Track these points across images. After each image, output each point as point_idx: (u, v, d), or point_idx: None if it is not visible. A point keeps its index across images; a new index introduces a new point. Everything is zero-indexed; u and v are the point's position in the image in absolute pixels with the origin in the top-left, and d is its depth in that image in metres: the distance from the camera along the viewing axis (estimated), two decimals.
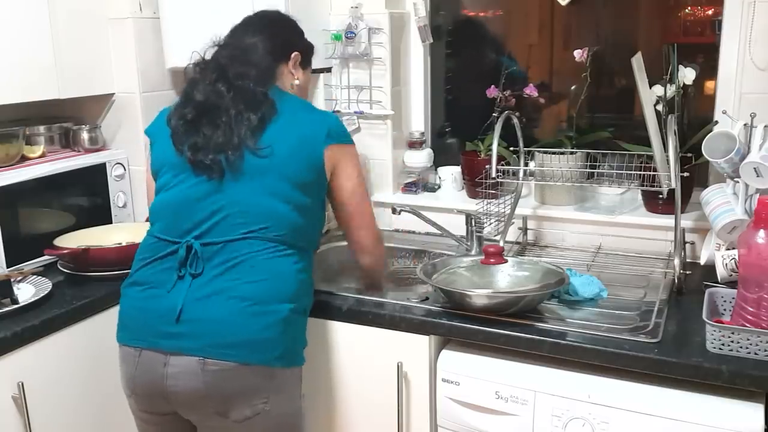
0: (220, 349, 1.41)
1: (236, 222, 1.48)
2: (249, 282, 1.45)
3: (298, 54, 1.68)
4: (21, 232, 1.90)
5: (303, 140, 1.54)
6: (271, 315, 1.45)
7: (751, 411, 1.36)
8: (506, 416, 1.55)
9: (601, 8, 2.21)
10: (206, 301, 1.43)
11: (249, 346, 1.42)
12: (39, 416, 1.61)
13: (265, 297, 1.45)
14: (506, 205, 2.08)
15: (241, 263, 1.46)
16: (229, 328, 1.42)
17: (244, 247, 1.47)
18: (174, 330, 1.43)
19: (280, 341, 1.46)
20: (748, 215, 1.65)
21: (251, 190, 1.49)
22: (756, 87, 1.83)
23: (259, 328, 1.43)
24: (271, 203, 1.50)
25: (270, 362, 1.44)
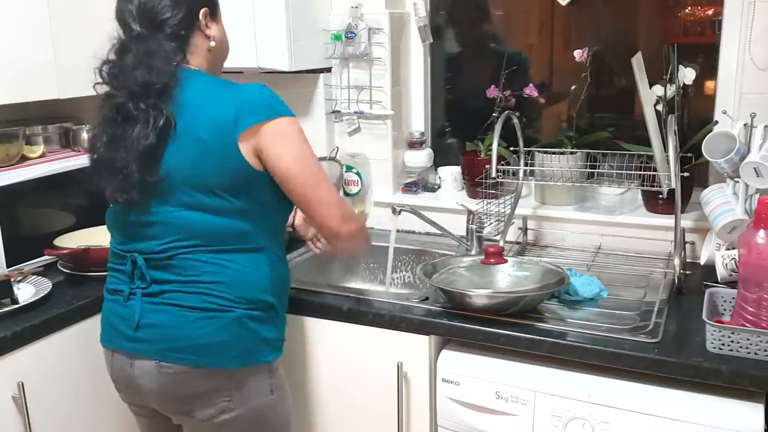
0: (172, 353, 1.43)
1: (171, 237, 1.44)
2: (194, 293, 1.43)
3: (206, 9, 1.49)
4: (21, 232, 1.90)
5: (207, 142, 1.39)
6: (220, 319, 1.43)
7: (751, 411, 1.36)
8: (506, 416, 1.55)
9: (601, 8, 2.21)
10: (158, 310, 1.45)
11: (199, 350, 1.43)
12: (39, 416, 1.61)
13: (212, 304, 1.43)
14: (506, 205, 2.08)
15: (185, 277, 1.44)
16: (180, 334, 1.43)
17: (185, 261, 1.44)
18: (134, 335, 1.46)
19: (233, 343, 1.44)
20: (748, 215, 1.65)
21: (177, 208, 1.42)
22: (756, 87, 1.83)
23: (207, 332, 1.43)
24: (201, 218, 1.42)
25: (223, 364, 1.44)
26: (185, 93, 1.41)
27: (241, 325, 1.45)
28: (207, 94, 1.43)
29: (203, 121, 1.39)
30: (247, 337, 1.46)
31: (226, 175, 1.40)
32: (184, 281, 1.44)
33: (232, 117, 1.38)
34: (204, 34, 1.49)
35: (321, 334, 1.77)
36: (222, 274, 1.44)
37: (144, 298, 1.46)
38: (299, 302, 1.77)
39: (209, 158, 1.39)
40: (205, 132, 1.39)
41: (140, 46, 1.42)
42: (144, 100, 1.38)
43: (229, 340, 1.44)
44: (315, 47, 2.20)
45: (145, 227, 1.45)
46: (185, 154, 1.39)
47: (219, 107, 1.40)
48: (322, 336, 1.77)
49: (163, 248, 1.44)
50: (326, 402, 1.82)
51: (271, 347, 1.52)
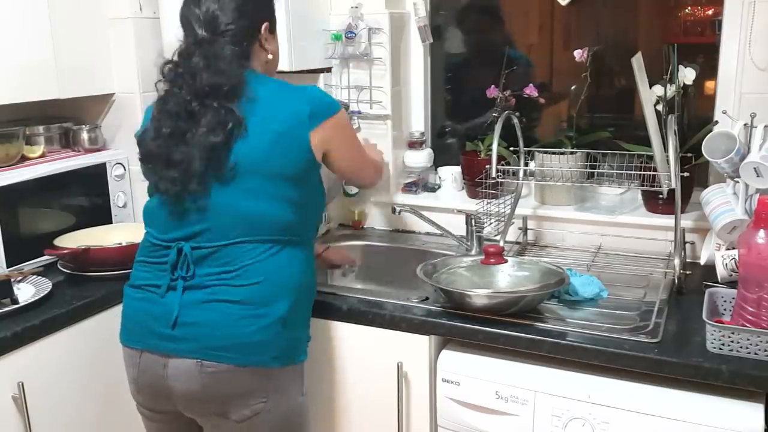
0: (216, 352, 1.42)
1: (225, 226, 1.46)
2: (241, 285, 1.44)
3: (267, 24, 1.58)
4: (21, 232, 1.90)
5: (282, 133, 1.47)
6: (266, 317, 1.44)
7: (751, 411, 1.36)
8: (506, 416, 1.55)
9: (601, 8, 2.21)
10: (200, 305, 1.44)
11: (244, 348, 1.43)
12: (39, 416, 1.61)
13: (258, 300, 1.44)
14: (506, 205, 2.08)
15: (233, 267, 1.45)
16: (223, 332, 1.42)
17: (234, 251, 1.45)
18: (171, 333, 1.44)
19: (276, 342, 1.46)
20: (748, 215, 1.65)
21: (233, 195, 1.46)
22: (756, 87, 1.83)
23: (253, 331, 1.43)
24: (257, 206, 1.46)
25: (266, 363, 1.45)
26: (258, 91, 1.48)
27: (283, 325, 1.46)
28: (280, 93, 1.52)
29: (280, 115, 1.48)
30: (287, 336, 1.48)
31: (294, 164, 1.49)
32: (232, 271, 1.44)
33: (307, 113, 1.49)
34: (263, 47, 1.57)
35: (321, 334, 1.77)
36: (272, 268, 1.46)
37: (186, 292, 1.45)
38: None
39: (283, 147, 1.47)
40: (282, 125, 1.47)
41: (206, 49, 1.48)
42: (214, 100, 1.44)
43: (272, 339, 1.45)
44: (315, 47, 2.20)
45: (198, 215, 1.47)
46: (258, 144, 1.45)
47: (293, 104, 1.50)
48: (322, 336, 1.77)
49: (213, 236, 1.45)
50: (326, 402, 1.82)
51: (303, 347, 1.55)
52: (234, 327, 1.43)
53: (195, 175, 1.44)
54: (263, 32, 1.56)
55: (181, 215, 1.48)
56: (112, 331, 1.57)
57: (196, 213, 1.47)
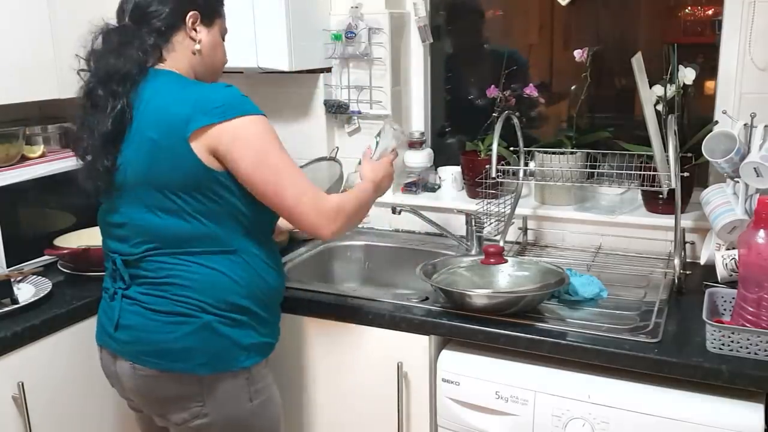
0: (145, 357, 1.44)
1: (139, 239, 1.44)
2: (161, 297, 1.42)
3: (195, 13, 1.47)
4: (21, 232, 1.90)
5: (158, 142, 1.36)
6: (188, 324, 1.41)
7: (751, 411, 1.36)
8: (506, 416, 1.55)
9: (601, 8, 2.21)
10: (133, 311, 1.45)
11: (168, 355, 1.42)
12: (39, 416, 1.61)
13: (180, 308, 1.41)
14: (506, 205, 2.08)
15: (154, 279, 1.43)
16: (150, 337, 1.43)
17: (155, 262, 1.43)
18: (114, 334, 1.48)
19: (202, 349, 1.42)
20: (748, 215, 1.65)
21: (135, 207, 1.42)
22: (756, 87, 1.83)
23: (176, 337, 1.41)
24: (159, 220, 1.40)
25: (192, 369, 1.42)
26: (146, 90, 1.39)
27: (211, 331, 1.42)
28: (165, 93, 1.39)
29: (154, 120, 1.37)
30: (217, 342, 1.43)
31: (180, 175, 1.37)
32: (154, 283, 1.43)
33: (185, 116, 1.34)
34: (190, 37, 1.47)
35: (321, 334, 1.77)
36: (189, 278, 1.42)
37: (123, 299, 1.47)
38: (299, 302, 1.77)
39: (161, 158, 1.36)
40: (156, 131, 1.36)
41: (118, 36, 1.43)
42: (106, 86, 1.38)
43: (196, 346, 1.42)
44: (315, 47, 2.20)
45: (118, 228, 1.47)
46: (139, 153, 1.39)
47: (173, 106, 1.37)
48: (322, 336, 1.77)
49: (135, 250, 1.44)
50: (326, 402, 1.82)
51: (249, 353, 1.46)
52: (159, 332, 1.42)
53: (98, 173, 1.41)
54: (188, 20, 1.46)
55: (109, 226, 1.49)
56: None
57: (117, 225, 1.47)
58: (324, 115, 2.31)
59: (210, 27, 1.51)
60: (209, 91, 1.39)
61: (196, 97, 1.37)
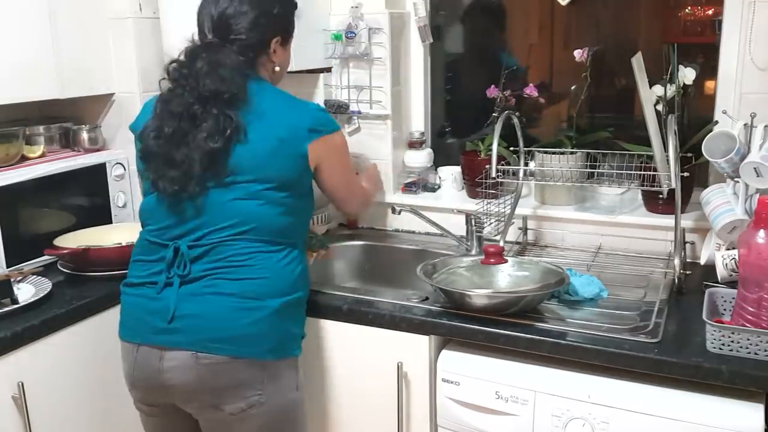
0: (212, 344, 1.45)
1: (220, 225, 1.49)
2: (236, 279, 1.48)
3: (279, 38, 1.62)
4: (21, 232, 1.90)
5: (283, 140, 1.52)
6: (260, 310, 1.47)
7: (751, 411, 1.36)
8: (506, 416, 1.55)
9: (601, 8, 2.21)
10: (197, 298, 1.47)
11: (239, 340, 1.45)
12: (39, 416, 1.61)
13: (253, 293, 1.47)
14: (506, 205, 2.08)
15: (228, 263, 1.48)
16: (219, 324, 1.45)
17: (230, 249, 1.49)
18: (167, 326, 1.46)
19: (270, 335, 1.48)
20: (748, 215, 1.65)
21: (233, 196, 1.50)
22: (756, 87, 1.83)
23: (247, 323, 1.46)
24: (253, 207, 1.50)
25: (261, 355, 1.47)
26: (263, 101, 1.53)
27: (278, 318, 1.49)
28: (284, 104, 1.56)
29: (283, 124, 1.52)
30: (282, 329, 1.51)
31: (291, 171, 1.53)
32: (228, 267, 1.48)
33: (308, 126, 1.53)
34: (271, 59, 1.61)
35: (321, 334, 1.77)
36: (265, 265, 1.50)
37: (183, 287, 1.48)
38: None
39: (282, 154, 1.51)
40: (285, 132, 1.52)
41: (211, 54, 1.52)
42: (214, 106, 1.48)
43: (266, 331, 1.48)
44: (315, 47, 2.20)
45: (195, 213, 1.50)
46: (260, 150, 1.49)
47: (297, 115, 1.54)
48: (322, 336, 1.77)
49: (212, 235, 1.49)
50: (326, 402, 1.82)
51: (298, 343, 1.58)
52: (229, 319, 1.45)
53: (194, 177, 1.48)
54: (273, 45, 1.60)
55: (177, 214, 1.52)
56: (111, 331, 1.58)
57: (193, 212, 1.50)
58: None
59: (286, 45, 1.66)
60: (318, 109, 1.62)
61: (313, 111, 1.58)
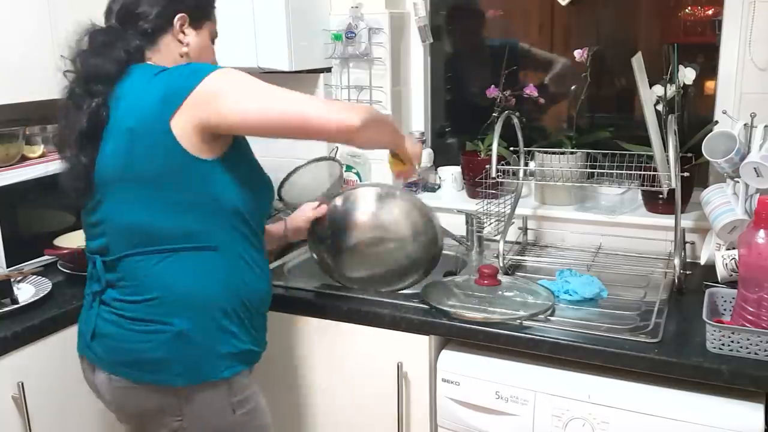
0: (120, 367, 1.39)
1: (115, 239, 1.39)
2: (135, 302, 1.37)
3: (183, 15, 1.43)
4: (21, 232, 1.90)
5: (135, 131, 1.32)
6: (162, 334, 1.36)
7: (751, 411, 1.36)
8: (506, 416, 1.55)
9: (601, 8, 2.21)
10: (109, 320, 1.40)
11: (142, 365, 1.37)
12: (39, 416, 1.61)
13: (152, 316, 1.36)
14: (506, 205, 2.08)
15: (130, 282, 1.38)
16: (126, 347, 1.38)
17: (129, 264, 1.37)
18: (90, 343, 1.43)
19: (179, 358, 1.36)
20: (748, 215, 1.65)
21: (114, 204, 1.38)
22: (756, 87, 1.83)
23: (149, 347, 1.36)
24: (135, 215, 1.35)
25: (167, 381, 1.37)
26: (125, 85, 1.36)
27: (186, 340, 1.36)
28: (140, 84, 1.36)
29: (130, 110, 1.34)
30: (193, 352, 1.37)
31: (159, 163, 1.32)
32: (128, 287, 1.38)
33: (160, 97, 1.31)
34: (178, 39, 1.44)
35: (321, 334, 1.77)
36: (165, 280, 1.36)
37: (101, 306, 1.42)
38: (299, 302, 1.77)
39: (139, 147, 1.32)
40: (133, 120, 1.33)
41: (103, 37, 1.41)
42: (87, 86, 1.37)
43: (171, 356, 1.36)
44: (315, 47, 2.20)
45: (96, 227, 1.42)
46: (117, 146, 1.35)
47: (147, 92, 1.33)
48: (323, 336, 1.77)
49: (111, 249, 1.39)
50: (326, 402, 1.82)
51: (229, 362, 1.40)
52: (134, 342, 1.37)
53: (80, 174, 1.38)
54: (176, 23, 1.43)
55: (90, 226, 1.45)
56: None
57: (95, 225, 1.42)
58: None
59: (199, 29, 1.47)
60: (176, 68, 1.37)
61: (167, 77, 1.34)
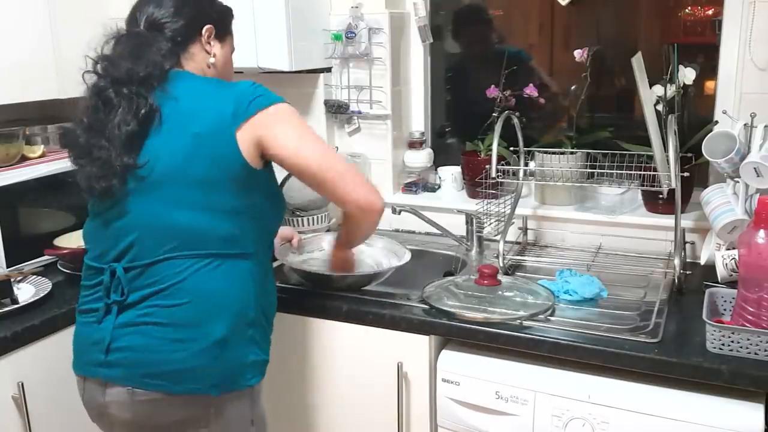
0: (146, 379, 1.34)
1: (149, 243, 1.35)
2: (171, 306, 1.33)
3: (210, 27, 1.48)
4: (21, 232, 1.90)
5: (203, 135, 1.35)
6: (198, 341, 1.33)
7: (751, 411, 1.36)
8: (506, 416, 1.55)
9: (601, 8, 2.21)
10: (132, 329, 1.35)
11: (176, 375, 1.33)
12: (39, 416, 1.61)
13: (189, 320, 1.33)
14: (506, 205, 2.08)
15: (163, 285, 1.34)
16: (154, 357, 1.33)
17: (164, 268, 1.34)
18: (105, 359, 1.36)
19: (214, 367, 1.35)
20: (748, 215, 1.65)
21: (156, 205, 1.35)
22: (756, 87, 1.83)
23: (185, 356, 1.33)
24: (184, 216, 1.34)
25: (203, 390, 1.34)
26: (178, 89, 1.39)
27: (221, 348, 1.35)
28: (202, 91, 1.41)
29: (200, 116, 1.37)
30: (228, 360, 1.36)
31: (220, 169, 1.35)
32: (163, 290, 1.34)
33: (231, 110, 1.36)
34: (205, 50, 1.49)
35: (321, 334, 1.77)
36: (204, 285, 1.35)
37: (119, 316, 1.36)
38: (299, 302, 1.77)
39: (204, 151, 1.35)
40: (202, 126, 1.36)
41: (133, 39, 1.42)
42: (127, 86, 1.35)
43: (207, 364, 1.34)
44: (315, 47, 2.20)
45: (126, 231, 1.36)
46: (177, 149, 1.35)
47: (216, 103, 1.38)
48: (322, 336, 1.77)
49: (140, 254, 1.35)
50: (326, 402, 1.82)
51: (254, 370, 1.41)
52: (165, 352, 1.33)
53: (115, 172, 1.34)
54: (204, 34, 1.48)
55: (112, 235, 1.39)
56: None
57: (123, 229, 1.37)
58: (324, 115, 2.31)
59: (223, 42, 1.53)
60: (245, 86, 1.41)
61: (237, 93, 1.39)
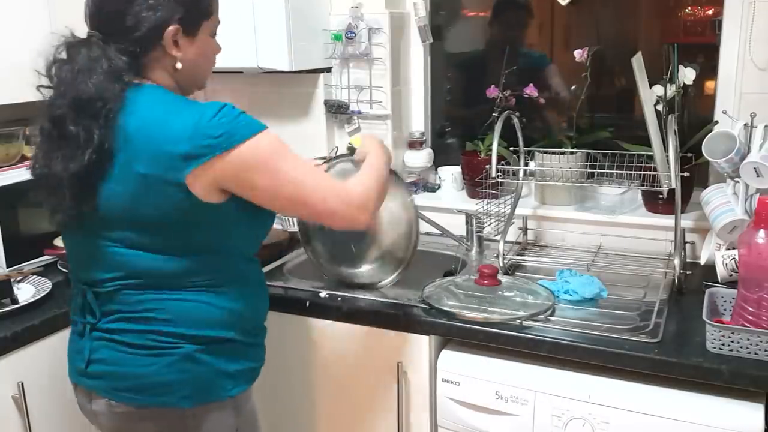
0: (121, 392, 1.34)
1: (114, 274, 1.31)
2: (139, 331, 1.32)
3: (176, 27, 1.28)
4: (21, 232, 1.90)
5: (149, 177, 1.22)
6: (168, 356, 1.31)
7: (751, 411, 1.36)
8: (506, 416, 1.55)
9: (601, 8, 2.21)
10: (104, 343, 1.34)
11: (148, 388, 1.32)
12: (39, 416, 1.61)
13: (157, 342, 1.31)
14: (506, 205, 2.08)
15: (134, 309, 1.32)
16: (127, 371, 1.33)
17: (131, 297, 1.32)
18: (86, 370, 1.37)
19: (184, 381, 1.32)
20: (748, 215, 1.65)
21: (108, 243, 1.30)
22: (756, 87, 1.83)
23: (155, 370, 1.31)
24: (139, 257, 1.29)
25: (173, 403, 1.32)
26: (130, 118, 1.23)
27: (193, 361, 1.32)
28: (154, 121, 1.23)
29: (148, 154, 1.22)
30: (201, 372, 1.33)
31: (167, 211, 1.25)
32: (129, 318, 1.32)
33: (183, 151, 1.20)
34: (168, 53, 1.30)
35: (321, 334, 1.77)
36: (168, 311, 1.31)
37: (94, 333, 1.35)
38: (299, 302, 1.77)
39: (149, 196, 1.24)
40: (146, 166, 1.22)
41: (86, 51, 1.25)
42: (79, 115, 1.22)
43: (177, 378, 1.32)
44: (315, 47, 2.20)
45: (90, 259, 1.34)
46: (124, 189, 1.25)
47: (167, 140, 1.21)
48: (322, 336, 1.77)
49: (108, 283, 1.32)
50: (326, 402, 1.82)
51: (236, 380, 1.37)
52: (136, 366, 1.32)
53: (68, 210, 1.28)
54: (168, 38, 1.28)
55: (80, 255, 1.37)
56: None
57: (88, 256, 1.34)
58: (324, 115, 2.31)
59: (194, 35, 1.33)
60: (205, 117, 1.21)
61: (193, 128, 1.21)
